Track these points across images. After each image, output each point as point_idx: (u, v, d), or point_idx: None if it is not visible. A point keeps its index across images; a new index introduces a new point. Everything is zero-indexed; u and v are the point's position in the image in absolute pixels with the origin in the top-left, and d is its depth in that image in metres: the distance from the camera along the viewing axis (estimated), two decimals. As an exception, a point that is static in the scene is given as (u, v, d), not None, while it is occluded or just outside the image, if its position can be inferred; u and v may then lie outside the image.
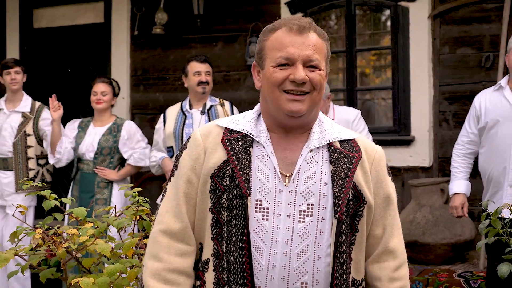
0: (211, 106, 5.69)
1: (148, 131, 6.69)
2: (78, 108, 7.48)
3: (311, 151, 2.16)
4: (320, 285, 2.08)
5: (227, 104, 5.73)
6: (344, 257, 2.10)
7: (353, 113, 5.37)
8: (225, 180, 2.11)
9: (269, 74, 2.13)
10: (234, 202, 2.09)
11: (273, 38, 2.14)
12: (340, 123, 5.23)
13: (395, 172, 6.46)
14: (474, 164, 4.95)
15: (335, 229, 2.08)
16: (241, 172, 2.10)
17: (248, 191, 2.08)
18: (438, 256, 5.68)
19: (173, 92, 7.32)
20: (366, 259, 2.23)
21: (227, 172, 2.11)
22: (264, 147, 2.16)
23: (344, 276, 2.10)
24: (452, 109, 6.27)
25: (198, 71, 5.63)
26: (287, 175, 2.13)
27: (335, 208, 2.08)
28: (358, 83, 6.82)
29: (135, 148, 6.02)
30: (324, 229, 2.09)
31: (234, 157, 2.13)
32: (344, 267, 2.10)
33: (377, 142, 6.04)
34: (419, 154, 6.37)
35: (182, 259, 2.14)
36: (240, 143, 2.16)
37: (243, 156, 2.13)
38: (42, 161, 6.18)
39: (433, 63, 6.33)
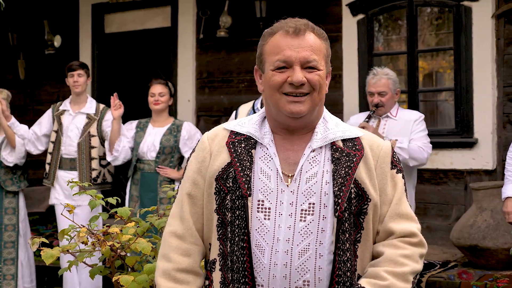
0: None
1: (213, 133, 6.78)
2: (147, 110, 7.65)
3: (313, 151, 2.18)
4: (323, 283, 2.09)
5: None
6: (348, 254, 2.11)
7: (416, 114, 5.42)
8: (228, 181, 2.16)
9: (269, 77, 2.16)
10: (237, 203, 2.14)
11: (271, 42, 2.18)
12: (401, 121, 5.26)
13: (458, 175, 6.35)
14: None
15: (336, 227, 2.09)
16: (242, 174, 2.15)
17: (248, 192, 2.13)
18: (499, 261, 5.55)
19: (237, 95, 7.40)
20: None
21: (230, 174, 2.16)
22: (267, 149, 2.20)
23: (349, 273, 2.11)
24: (517, 110, 6.13)
25: None
26: (289, 175, 2.16)
27: (335, 206, 2.09)
28: (426, 84, 6.73)
29: None
30: (325, 227, 2.10)
31: (236, 159, 2.18)
32: (348, 265, 2.11)
33: (439, 144, 6.02)
34: (482, 156, 6.23)
35: (190, 258, 2.22)
36: (242, 145, 2.21)
37: (245, 158, 2.17)
38: (104, 162, 6.31)
39: (497, 63, 6.19)
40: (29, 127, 6.50)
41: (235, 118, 5.84)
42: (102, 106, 6.45)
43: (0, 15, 6.48)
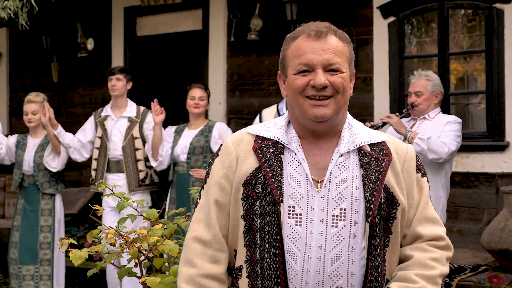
0: None
1: (243, 136, 6.81)
2: (178, 112, 7.71)
3: (341, 155, 2.17)
4: None
5: None
6: (379, 259, 2.11)
7: (452, 117, 5.38)
8: (257, 187, 2.13)
9: (291, 81, 2.15)
10: (267, 209, 2.11)
11: (293, 46, 2.16)
12: (436, 121, 5.23)
13: (489, 179, 6.29)
14: None
15: (368, 233, 2.09)
16: (273, 179, 2.12)
17: (280, 198, 2.11)
18: (531, 266, 5.49)
19: (267, 97, 7.41)
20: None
21: (259, 179, 2.14)
22: (295, 153, 2.18)
23: (379, 279, 2.11)
24: (550, 113, 6.05)
25: None
26: (319, 180, 2.14)
27: (367, 211, 2.09)
28: (459, 87, 6.68)
29: None
30: (357, 233, 2.10)
31: (266, 164, 2.15)
32: (379, 270, 2.11)
33: (470, 147, 5.97)
34: (514, 160, 6.18)
35: (215, 265, 2.19)
36: (271, 150, 2.18)
37: (275, 163, 2.15)
38: (149, 163, 6.38)
39: (530, 66, 6.13)
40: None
41: (260, 121, 5.86)
42: (142, 108, 6.51)
43: (34, 18, 6.57)
